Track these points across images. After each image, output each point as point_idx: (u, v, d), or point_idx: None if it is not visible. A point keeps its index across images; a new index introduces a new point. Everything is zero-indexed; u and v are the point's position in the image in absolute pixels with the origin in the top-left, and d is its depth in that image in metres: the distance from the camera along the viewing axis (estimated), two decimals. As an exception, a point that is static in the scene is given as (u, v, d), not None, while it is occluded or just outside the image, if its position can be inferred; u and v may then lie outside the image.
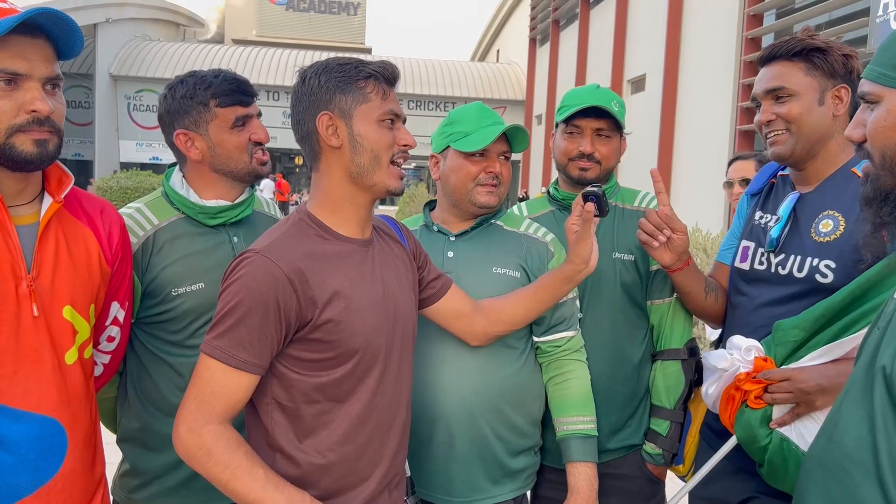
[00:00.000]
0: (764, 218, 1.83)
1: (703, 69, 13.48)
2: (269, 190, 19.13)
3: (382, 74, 1.40)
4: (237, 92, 1.72)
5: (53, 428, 1.32)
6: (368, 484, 1.42)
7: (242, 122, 1.73)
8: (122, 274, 1.54)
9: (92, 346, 1.45)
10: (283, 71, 28.06)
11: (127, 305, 1.59)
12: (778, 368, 1.60)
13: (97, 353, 1.54)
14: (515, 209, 2.15)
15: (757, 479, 1.69)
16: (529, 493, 1.97)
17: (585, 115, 1.95)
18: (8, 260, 1.26)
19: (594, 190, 1.70)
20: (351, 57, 1.43)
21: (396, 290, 1.48)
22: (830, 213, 1.66)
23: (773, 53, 1.72)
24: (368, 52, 41.10)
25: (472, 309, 1.70)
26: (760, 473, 1.65)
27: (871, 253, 1.24)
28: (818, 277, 1.63)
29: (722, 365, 1.66)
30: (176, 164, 1.82)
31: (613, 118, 1.95)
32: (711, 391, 1.72)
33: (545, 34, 24.82)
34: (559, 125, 2.05)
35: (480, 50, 38.63)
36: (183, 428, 1.28)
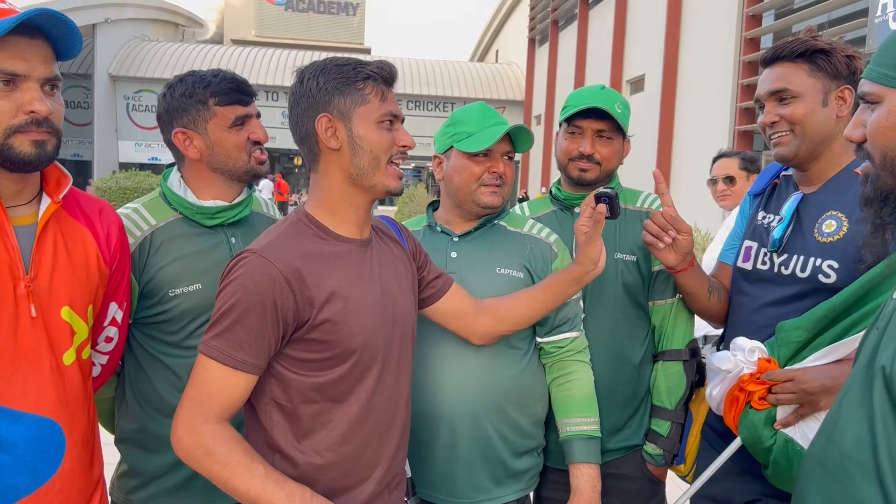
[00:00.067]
0: (767, 218, 1.82)
1: (702, 69, 13.49)
2: (267, 190, 19.12)
3: (381, 75, 1.40)
4: (236, 91, 1.72)
5: (51, 428, 1.32)
6: (368, 484, 1.42)
7: (241, 121, 1.72)
8: (120, 274, 1.53)
9: (90, 346, 1.45)
10: (282, 71, 28.05)
11: (125, 306, 1.59)
12: (781, 369, 1.59)
13: (95, 353, 1.53)
14: (517, 209, 2.14)
15: (762, 481, 1.68)
16: (532, 493, 1.96)
17: (587, 115, 1.95)
18: (6, 260, 1.26)
19: (607, 191, 1.69)
20: (349, 57, 1.42)
21: (395, 290, 1.48)
22: (834, 213, 1.66)
23: (776, 54, 1.71)
24: (367, 52, 41.08)
25: (474, 308, 1.69)
26: (765, 475, 1.65)
27: (871, 253, 1.24)
28: (821, 278, 1.62)
29: (725, 366, 1.66)
30: (174, 164, 1.82)
31: (615, 120, 1.94)
32: (715, 393, 1.72)
33: (544, 34, 24.84)
34: (562, 125, 2.04)
35: (479, 50, 38.64)
36: (181, 428, 1.27)
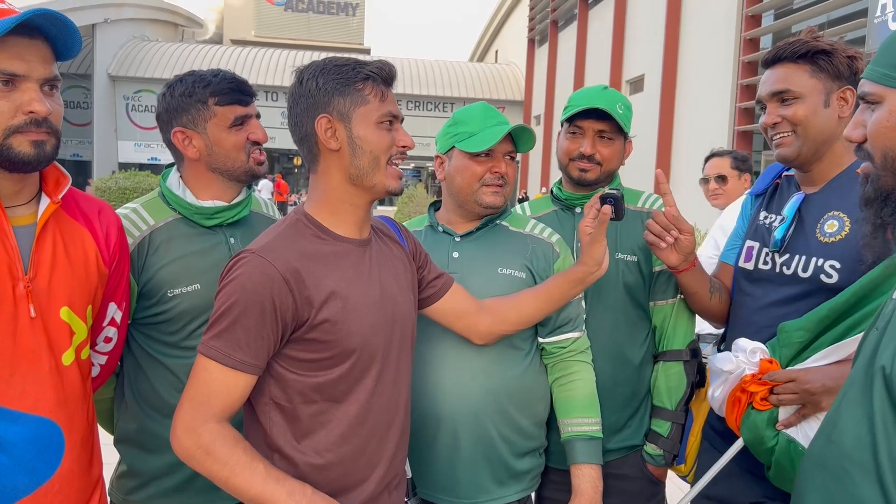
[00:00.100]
0: (769, 218, 1.82)
1: (701, 70, 13.49)
2: (266, 190, 19.13)
3: (380, 75, 1.39)
4: (236, 91, 1.72)
5: (50, 429, 1.32)
6: (367, 485, 1.42)
7: (241, 121, 1.72)
8: (119, 275, 1.53)
9: (89, 347, 1.45)
10: (281, 71, 28.05)
11: (124, 306, 1.58)
12: (783, 370, 1.59)
13: (94, 353, 1.53)
14: (518, 209, 2.14)
15: (764, 481, 1.68)
16: (533, 493, 1.96)
17: (588, 115, 1.94)
18: (5, 261, 1.26)
19: (613, 192, 1.69)
20: (348, 57, 1.42)
21: (394, 290, 1.48)
22: (836, 213, 1.66)
23: (777, 55, 1.71)
24: (367, 52, 41.09)
25: (475, 308, 1.69)
26: (768, 476, 1.65)
27: (871, 254, 1.24)
28: (823, 278, 1.63)
29: (727, 368, 1.66)
30: (174, 164, 1.82)
31: (617, 120, 1.93)
32: (717, 394, 1.72)
33: (544, 35, 24.84)
34: (563, 124, 2.04)
35: (479, 50, 38.66)
36: (180, 429, 1.27)
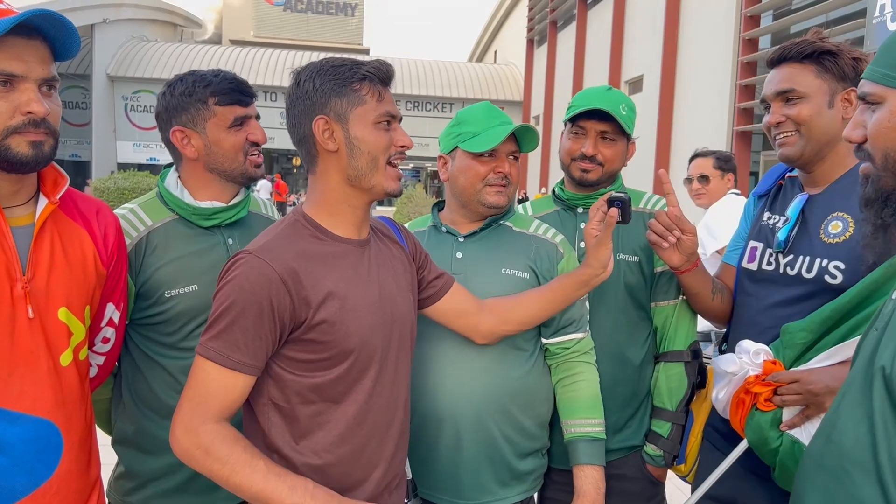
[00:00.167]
0: (772, 219, 1.82)
1: (700, 70, 13.50)
2: (265, 190, 19.12)
3: (377, 75, 1.39)
4: (236, 91, 1.72)
5: (49, 430, 1.32)
6: (367, 485, 1.42)
7: (240, 121, 1.72)
8: (117, 275, 1.53)
9: (87, 347, 1.44)
10: (280, 72, 28.05)
11: (122, 307, 1.58)
12: (787, 371, 1.59)
13: (92, 354, 1.53)
14: (520, 209, 2.13)
15: (768, 483, 1.67)
16: (536, 494, 1.96)
17: (591, 116, 1.94)
18: (3, 261, 1.26)
19: (620, 195, 1.70)
20: (345, 58, 1.42)
21: (394, 290, 1.48)
22: (840, 214, 1.66)
23: (783, 55, 1.72)
24: (366, 52, 41.10)
25: (476, 308, 1.69)
26: (774, 478, 1.64)
27: (872, 255, 1.23)
28: (827, 278, 1.63)
29: (731, 369, 1.67)
30: (172, 164, 1.82)
31: (619, 122, 1.93)
32: (721, 396, 1.72)
33: (543, 35, 24.85)
34: (566, 124, 2.04)
35: (478, 51, 38.68)
36: (179, 430, 1.27)
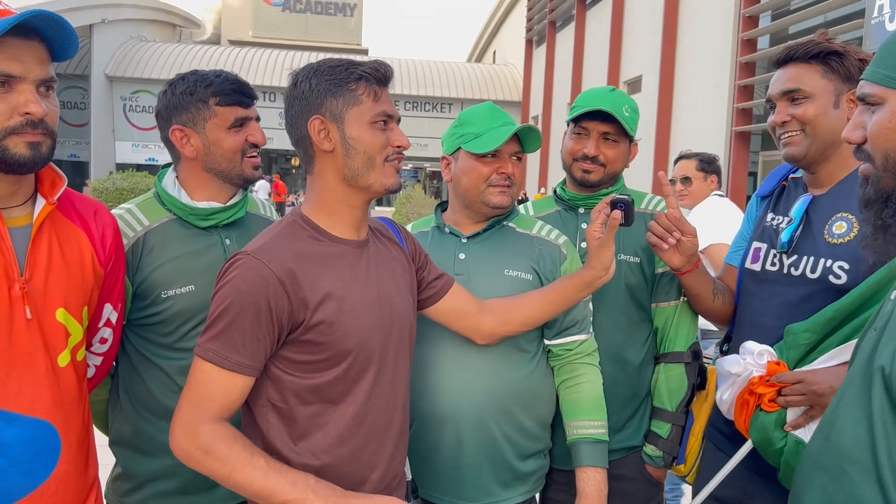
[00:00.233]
0: (776, 220, 1.82)
1: (698, 70, 13.50)
2: (263, 191, 19.12)
3: (373, 75, 1.39)
4: (238, 93, 1.72)
5: (46, 430, 1.31)
6: (366, 486, 1.41)
7: (241, 122, 1.72)
8: (115, 275, 1.53)
9: (85, 348, 1.44)
10: (279, 72, 28.02)
11: (120, 307, 1.58)
12: (790, 371, 1.60)
13: (89, 354, 1.53)
14: (521, 209, 2.13)
15: (773, 484, 1.67)
16: (538, 494, 1.96)
17: (593, 117, 1.94)
18: (1, 262, 1.26)
19: (623, 198, 1.70)
20: (342, 58, 1.42)
21: (392, 291, 1.47)
22: (844, 215, 1.67)
23: (790, 55, 1.72)
24: (365, 52, 41.09)
25: (477, 308, 1.69)
26: (779, 479, 1.64)
27: (872, 255, 1.24)
28: (831, 279, 1.63)
29: (735, 370, 1.67)
30: (170, 164, 1.82)
31: (622, 123, 1.93)
32: (726, 397, 1.72)
33: (541, 35, 24.83)
34: (569, 124, 2.04)
35: (477, 51, 38.67)
36: (178, 431, 1.28)
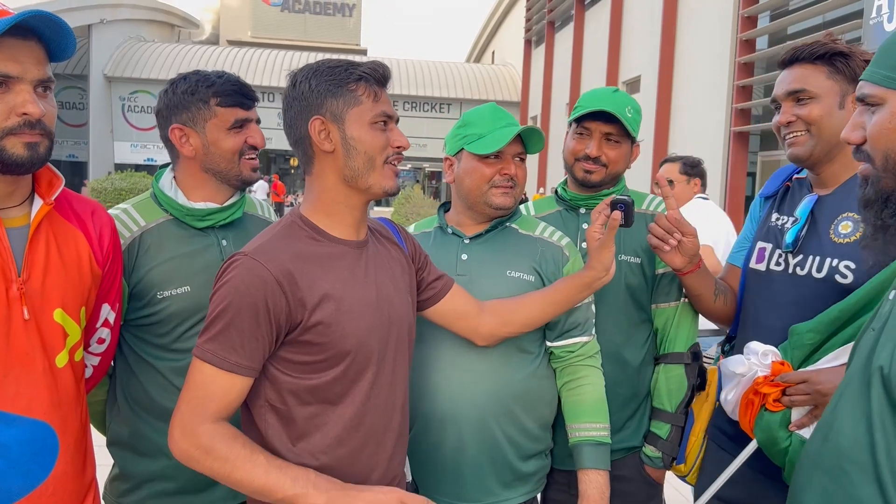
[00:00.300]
0: (781, 220, 1.82)
1: (697, 70, 13.50)
2: (262, 191, 19.13)
3: (373, 76, 1.39)
4: (239, 94, 1.72)
5: (44, 431, 1.31)
6: (365, 487, 1.41)
7: (241, 124, 1.72)
8: (112, 276, 1.53)
9: (82, 348, 1.44)
10: (278, 72, 28.00)
11: (117, 307, 1.58)
12: (795, 371, 1.60)
13: (87, 355, 1.53)
14: (522, 209, 2.13)
15: (777, 484, 1.66)
16: (539, 495, 1.95)
17: (596, 117, 1.94)
18: (-2, 262, 1.26)
19: (623, 198, 1.70)
20: (341, 59, 1.42)
21: (391, 292, 1.47)
22: (850, 215, 1.67)
23: (795, 55, 1.72)
24: (363, 53, 41.10)
25: (477, 309, 1.69)
26: (784, 479, 1.64)
27: (872, 256, 1.24)
28: (838, 278, 1.63)
29: (740, 370, 1.67)
30: (168, 164, 1.81)
31: (624, 124, 1.93)
32: (730, 397, 1.72)
33: (540, 35, 24.84)
34: (571, 124, 2.04)
35: (476, 51, 38.68)
36: (177, 432, 1.27)
